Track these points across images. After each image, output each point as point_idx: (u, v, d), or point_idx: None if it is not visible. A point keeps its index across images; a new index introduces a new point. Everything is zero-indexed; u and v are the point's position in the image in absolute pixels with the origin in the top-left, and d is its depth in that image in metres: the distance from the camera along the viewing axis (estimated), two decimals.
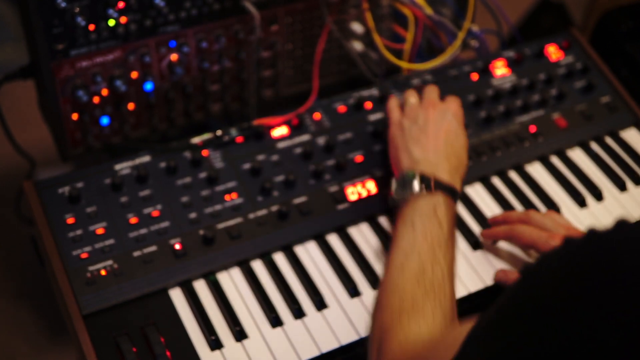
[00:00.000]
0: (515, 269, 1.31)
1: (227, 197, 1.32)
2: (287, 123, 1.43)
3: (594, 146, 1.54)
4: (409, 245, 1.13)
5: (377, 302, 1.11)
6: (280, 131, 1.42)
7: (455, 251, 1.18)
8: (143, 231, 1.26)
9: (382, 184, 1.38)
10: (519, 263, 1.32)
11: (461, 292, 1.28)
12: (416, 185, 1.20)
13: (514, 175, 1.47)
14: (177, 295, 1.23)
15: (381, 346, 1.03)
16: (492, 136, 1.49)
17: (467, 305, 1.28)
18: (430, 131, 1.29)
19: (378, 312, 1.10)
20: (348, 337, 1.21)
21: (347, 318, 1.23)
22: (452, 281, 1.12)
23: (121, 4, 1.33)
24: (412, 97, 1.39)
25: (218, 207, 1.31)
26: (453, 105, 1.35)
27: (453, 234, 1.18)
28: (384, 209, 1.36)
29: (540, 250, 1.24)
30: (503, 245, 1.35)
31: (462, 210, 1.40)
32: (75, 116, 1.40)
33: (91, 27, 1.33)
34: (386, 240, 1.33)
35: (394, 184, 1.25)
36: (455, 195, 1.22)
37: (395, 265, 1.13)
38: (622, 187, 1.48)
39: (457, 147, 1.29)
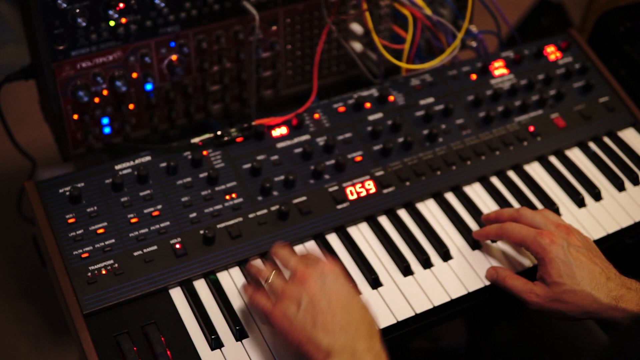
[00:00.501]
0: (510, 267, 1.32)
1: (227, 197, 1.33)
2: (287, 123, 1.43)
3: (593, 146, 1.55)
4: None
5: None
6: (280, 131, 1.42)
7: None
8: (143, 231, 1.27)
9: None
10: (516, 262, 1.33)
11: (461, 291, 1.29)
12: None
13: (512, 175, 1.48)
14: (177, 295, 1.23)
15: None
16: (491, 136, 1.50)
17: (466, 305, 1.29)
18: (323, 306, 1.08)
19: None
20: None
21: None
22: None
23: (121, 5, 1.34)
24: (272, 276, 1.17)
25: (218, 206, 1.32)
26: (322, 266, 1.14)
27: None
28: (383, 208, 1.37)
29: (529, 248, 1.25)
30: (502, 244, 1.35)
31: (461, 210, 1.40)
32: (76, 116, 1.41)
33: (92, 27, 1.34)
34: (385, 240, 1.33)
35: None
36: None
37: None
38: (620, 187, 1.48)
39: (357, 310, 1.10)
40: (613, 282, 1.19)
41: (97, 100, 1.41)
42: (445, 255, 1.33)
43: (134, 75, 1.43)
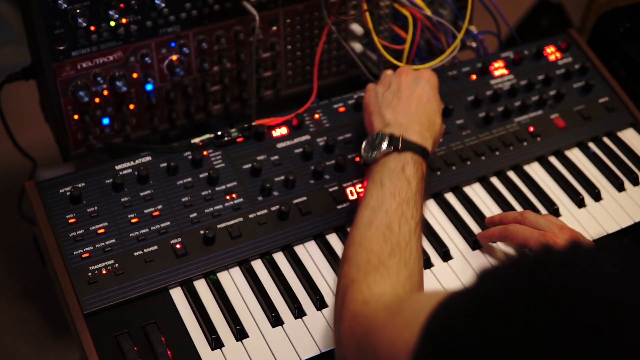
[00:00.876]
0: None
1: (227, 197, 1.33)
2: (287, 123, 1.43)
3: (592, 146, 1.55)
4: (377, 203, 1.14)
5: (344, 256, 1.13)
6: (280, 131, 1.43)
7: (424, 210, 1.19)
8: (144, 231, 1.27)
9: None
10: None
11: None
12: (385, 145, 1.21)
13: (512, 175, 1.48)
14: (177, 295, 1.23)
15: (345, 299, 1.05)
16: (490, 136, 1.50)
17: None
18: (403, 95, 1.29)
19: (345, 266, 1.11)
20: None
21: None
22: (419, 239, 1.13)
23: (122, 5, 1.34)
24: (387, 70, 1.42)
25: (218, 206, 1.32)
26: (426, 72, 1.34)
27: (422, 192, 1.19)
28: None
29: (532, 250, 1.25)
30: (502, 244, 1.35)
31: (461, 210, 1.40)
32: (76, 116, 1.41)
33: (92, 28, 1.34)
34: None
35: (364, 145, 1.25)
36: (426, 154, 1.22)
37: (362, 221, 1.14)
38: (620, 187, 1.48)
39: (429, 110, 1.29)
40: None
41: (97, 100, 1.41)
42: (445, 255, 1.33)
43: (135, 75, 1.43)
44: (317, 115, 1.46)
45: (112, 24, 1.35)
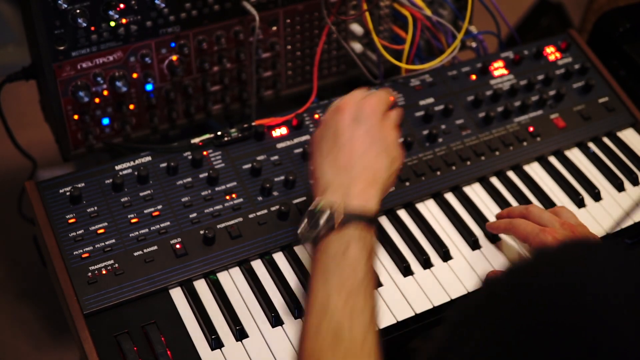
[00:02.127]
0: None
1: (227, 197, 1.33)
2: (287, 123, 1.43)
3: (592, 146, 1.55)
4: (322, 305, 1.02)
5: None
6: (280, 131, 1.43)
7: (377, 284, 1.10)
8: (144, 231, 1.27)
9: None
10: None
11: (461, 291, 1.29)
12: (322, 222, 1.07)
13: (512, 175, 1.48)
14: (177, 295, 1.23)
15: None
16: (490, 136, 1.50)
17: None
18: (340, 142, 1.14)
19: None
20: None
21: None
22: (375, 329, 1.02)
23: (122, 6, 1.34)
24: (337, 101, 1.22)
25: (218, 207, 1.32)
26: (368, 105, 1.17)
27: (371, 271, 1.06)
28: (383, 209, 1.37)
29: (531, 245, 1.25)
30: (502, 244, 1.35)
31: (461, 210, 1.40)
32: (76, 117, 1.41)
33: (92, 28, 1.34)
34: (385, 240, 1.33)
35: (304, 221, 1.11)
36: (371, 219, 1.09)
37: (310, 327, 1.02)
38: (620, 187, 1.48)
39: (371, 158, 1.13)
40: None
41: (97, 100, 1.41)
42: (445, 255, 1.33)
43: (135, 75, 1.43)
44: (317, 115, 1.46)
45: (112, 24, 1.35)
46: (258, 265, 1.29)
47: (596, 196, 1.46)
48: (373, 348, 0.99)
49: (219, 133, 1.39)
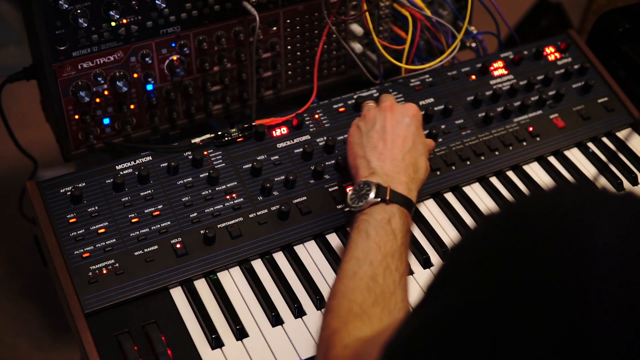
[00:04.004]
0: None
1: (227, 197, 1.33)
2: (287, 123, 1.44)
3: (592, 146, 1.55)
4: (362, 254, 1.12)
5: (327, 306, 1.10)
6: (280, 131, 1.43)
7: (408, 262, 1.16)
8: (144, 230, 1.27)
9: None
10: None
11: None
12: (372, 195, 1.18)
13: (512, 175, 1.48)
14: (178, 294, 1.24)
15: (327, 349, 1.02)
16: (490, 136, 1.50)
17: None
18: (389, 137, 1.26)
19: (327, 316, 1.08)
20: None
21: None
22: (405, 291, 1.10)
23: (122, 6, 1.34)
24: (368, 102, 1.39)
25: (219, 206, 1.32)
26: (411, 109, 1.31)
27: (407, 244, 1.17)
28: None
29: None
30: None
31: (460, 210, 1.41)
32: (77, 116, 1.41)
33: (93, 28, 1.34)
34: None
35: (350, 193, 1.21)
36: (411, 206, 1.20)
37: (346, 272, 1.11)
38: (619, 187, 1.49)
39: (415, 156, 1.26)
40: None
41: (98, 100, 1.42)
42: (445, 255, 1.33)
43: (135, 75, 1.43)
44: (317, 115, 1.46)
45: (113, 24, 1.36)
46: (258, 265, 1.29)
47: None
48: (400, 302, 1.07)
49: (219, 133, 1.39)
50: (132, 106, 1.46)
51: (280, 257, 1.30)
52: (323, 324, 1.08)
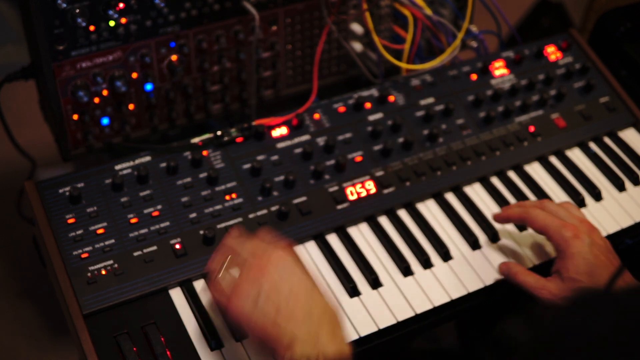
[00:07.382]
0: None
1: (227, 197, 1.33)
2: (287, 123, 1.43)
3: (593, 146, 1.55)
4: None
5: None
6: (280, 131, 1.42)
7: None
8: (143, 231, 1.27)
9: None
10: (519, 261, 1.32)
11: (460, 292, 1.29)
12: None
13: (513, 175, 1.48)
14: (177, 295, 1.23)
15: None
16: (491, 136, 1.50)
17: (466, 306, 1.29)
18: (285, 294, 1.05)
19: None
20: (347, 337, 1.21)
21: (346, 318, 1.23)
22: None
23: (121, 5, 1.34)
24: (222, 272, 1.12)
25: (218, 207, 1.32)
26: (277, 254, 1.10)
27: None
28: (383, 209, 1.37)
29: (551, 238, 1.24)
30: (502, 244, 1.35)
31: (461, 210, 1.40)
32: (76, 116, 1.41)
33: (92, 28, 1.34)
34: (385, 240, 1.33)
35: None
36: (349, 357, 1.04)
37: None
38: (620, 187, 1.48)
39: (319, 299, 1.07)
40: (629, 287, 1.18)
41: (97, 100, 1.41)
42: (446, 256, 1.33)
43: (134, 75, 1.43)
44: (317, 115, 1.46)
45: (112, 23, 1.35)
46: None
47: (597, 196, 1.46)
48: None
49: (219, 133, 1.38)
50: (131, 106, 1.45)
51: None
52: None
